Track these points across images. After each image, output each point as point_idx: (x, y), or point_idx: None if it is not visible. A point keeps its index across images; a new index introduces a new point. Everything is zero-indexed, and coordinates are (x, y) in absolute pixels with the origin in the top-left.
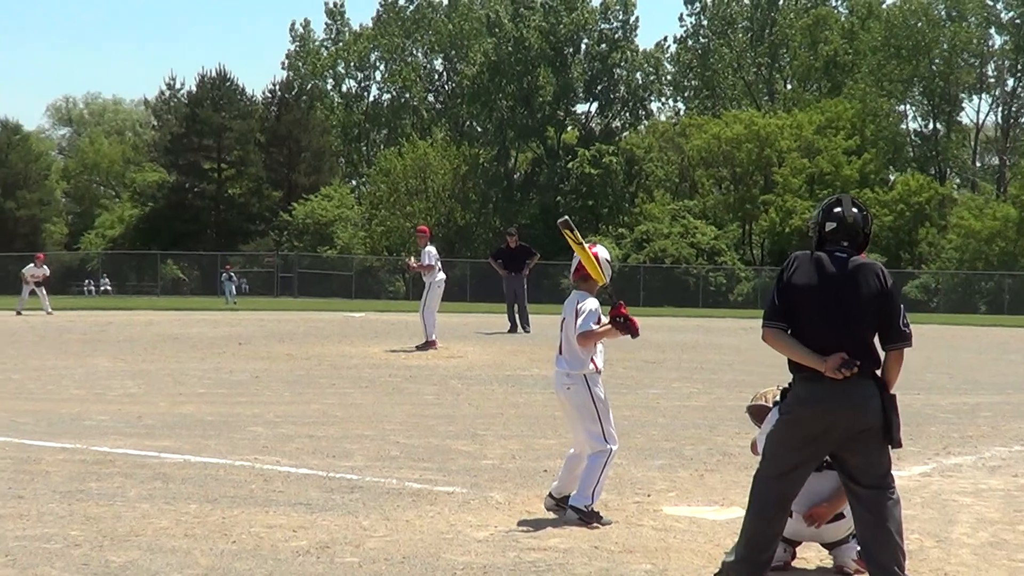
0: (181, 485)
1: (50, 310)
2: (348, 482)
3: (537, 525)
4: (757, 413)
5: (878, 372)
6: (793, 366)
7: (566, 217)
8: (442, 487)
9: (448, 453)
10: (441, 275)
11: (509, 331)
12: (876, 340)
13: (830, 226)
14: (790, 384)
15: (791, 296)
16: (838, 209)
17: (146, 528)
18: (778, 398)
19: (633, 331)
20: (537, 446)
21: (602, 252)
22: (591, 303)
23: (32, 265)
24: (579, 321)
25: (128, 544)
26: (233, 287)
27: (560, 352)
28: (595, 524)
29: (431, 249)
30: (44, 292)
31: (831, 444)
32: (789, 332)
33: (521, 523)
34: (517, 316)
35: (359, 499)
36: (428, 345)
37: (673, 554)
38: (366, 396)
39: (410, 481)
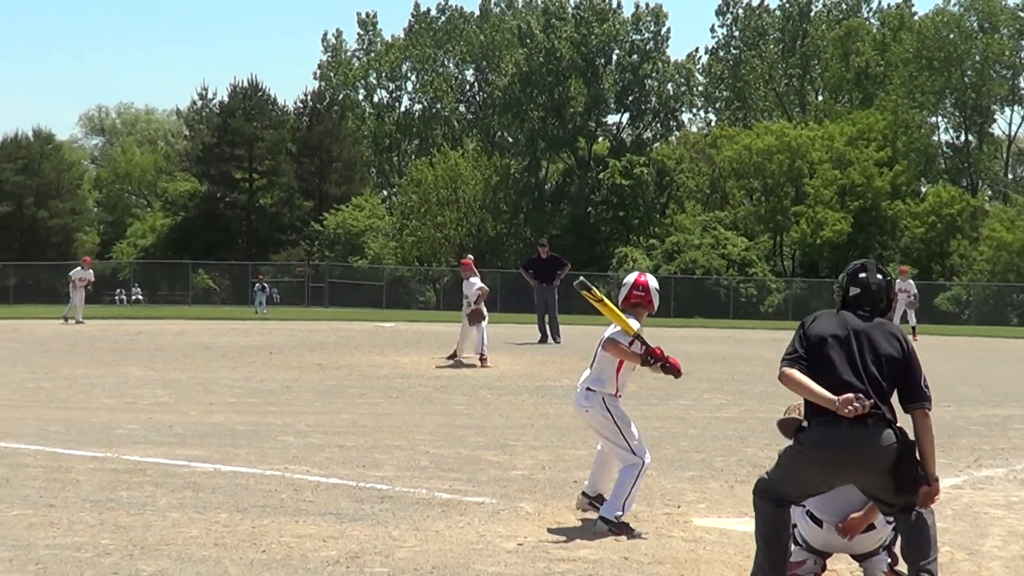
0: (211, 494)
1: (80, 319)
2: (378, 492)
3: (567, 536)
4: (789, 426)
5: (899, 426)
6: (808, 410)
7: (582, 278)
8: (472, 497)
9: (478, 463)
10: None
11: (539, 342)
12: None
13: (854, 291)
14: (806, 426)
15: (812, 344)
16: (863, 275)
17: (176, 537)
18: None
19: (675, 372)
20: (567, 457)
21: (652, 281)
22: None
23: (79, 268)
24: (611, 329)
25: (158, 553)
26: (264, 297)
27: (591, 367)
28: (623, 536)
29: (477, 281)
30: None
31: (843, 482)
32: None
33: (551, 534)
34: (548, 327)
35: (389, 509)
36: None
37: (703, 566)
38: (396, 406)
39: (440, 491)
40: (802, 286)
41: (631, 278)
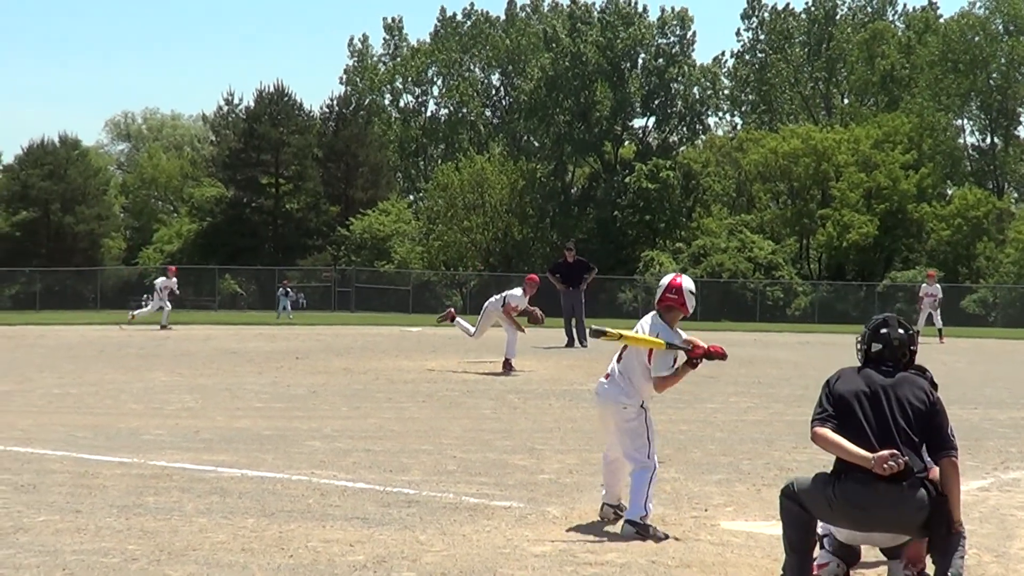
0: (238, 499)
1: (166, 323)
2: (405, 496)
3: (594, 539)
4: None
5: (930, 478)
6: (840, 464)
7: (594, 327)
8: (499, 501)
9: (505, 467)
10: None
11: (566, 345)
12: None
13: (876, 347)
14: (839, 473)
15: (839, 403)
16: (884, 331)
17: (203, 542)
18: None
19: (721, 357)
20: (594, 460)
21: (687, 283)
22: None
23: (163, 278)
24: (653, 366)
25: (185, 559)
26: (288, 302)
27: (619, 363)
28: (650, 539)
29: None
30: (156, 304)
31: (873, 531)
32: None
33: (578, 537)
34: (574, 331)
35: (416, 513)
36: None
37: (731, 569)
38: (423, 410)
39: (467, 495)
40: (828, 289)
41: (666, 280)
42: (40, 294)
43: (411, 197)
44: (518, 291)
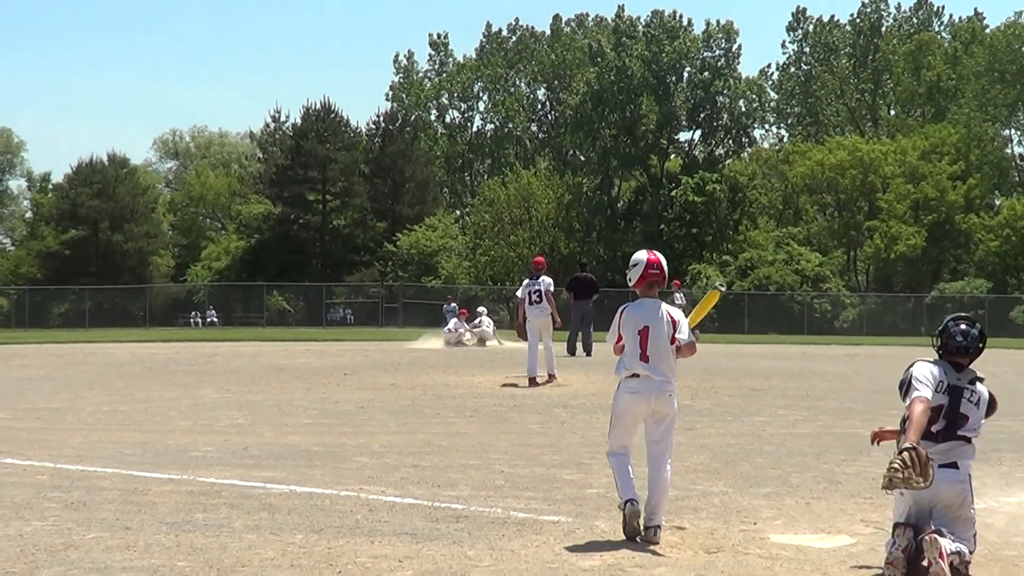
0: (287, 515)
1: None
2: (453, 512)
3: (642, 554)
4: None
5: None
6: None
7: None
8: (547, 516)
9: (553, 482)
10: (535, 309)
11: (568, 353)
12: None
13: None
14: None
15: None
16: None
17: (252, 559)
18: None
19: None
20: (642, 475)
21: (660, 256)
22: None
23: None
24: (682, 330)
25: (235, 575)
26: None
27: (648, 360)
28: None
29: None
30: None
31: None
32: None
33: (627, 552)
34: (579, 342)
35: (464, 529)
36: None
37: None
38: (471, 426)
39: (515, 511)
40: (876, 301)
41: (643, 256)
42: (89, 312)
43: (457, 212)
44: (547, 279)
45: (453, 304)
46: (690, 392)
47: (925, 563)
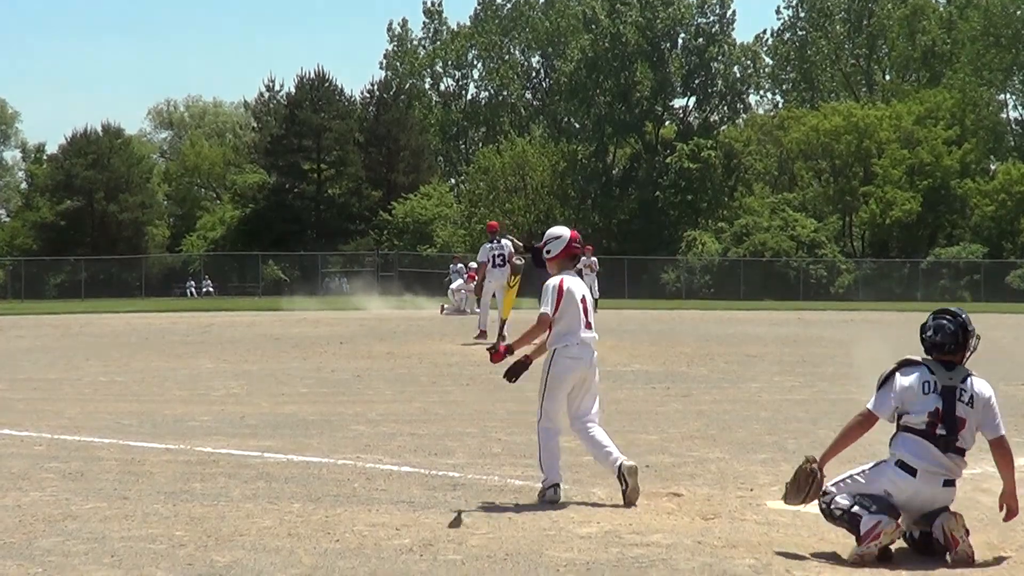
0: (284, 484)
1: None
2: (450, 479)
3: (639, 520)
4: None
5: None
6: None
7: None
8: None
9: None
10: (496, 271)
11: None
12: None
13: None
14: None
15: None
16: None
17: (250, 528)
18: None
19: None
20: (639, 442)
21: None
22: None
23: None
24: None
25: (232, 544)
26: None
27: (591, 327)
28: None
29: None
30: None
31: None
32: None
33: (624, 519)
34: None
35: (461, 496)
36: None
37: (776, 548)
38: (467, 394)
39: (512, 478)
40: (872, 266)
41: (564, 232)
42: (85, 282)
43: (452, 181)
44: (507, 243)
45: (460, 264)
46: (686, 359)
47: (942, 539)
